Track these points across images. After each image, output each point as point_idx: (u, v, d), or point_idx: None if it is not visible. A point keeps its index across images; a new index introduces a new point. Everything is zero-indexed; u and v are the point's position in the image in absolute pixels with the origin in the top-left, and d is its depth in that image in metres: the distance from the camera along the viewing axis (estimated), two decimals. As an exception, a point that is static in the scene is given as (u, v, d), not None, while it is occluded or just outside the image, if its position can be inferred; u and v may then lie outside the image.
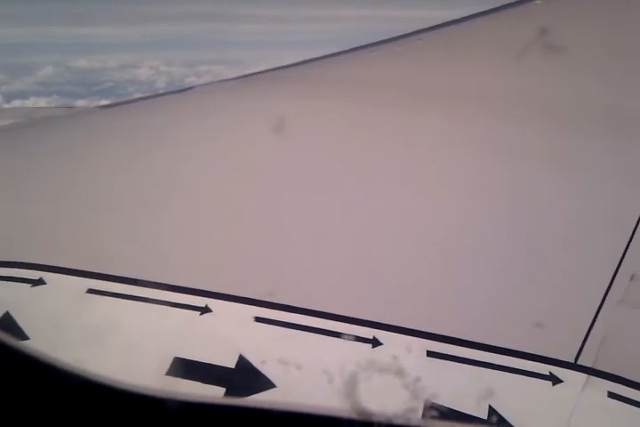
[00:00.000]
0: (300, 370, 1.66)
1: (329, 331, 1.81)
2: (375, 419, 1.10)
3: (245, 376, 1.67)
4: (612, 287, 2.06)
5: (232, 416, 1.09)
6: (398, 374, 1.63)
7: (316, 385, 1.62)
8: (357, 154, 2.61)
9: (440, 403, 1.60)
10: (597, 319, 1.95)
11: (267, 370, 1.66)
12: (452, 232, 2.25)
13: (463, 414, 1.64)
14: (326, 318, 1.83)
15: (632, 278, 2.10)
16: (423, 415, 1.54)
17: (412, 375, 1.64)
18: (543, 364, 1.80)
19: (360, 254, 2.13)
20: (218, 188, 2.40)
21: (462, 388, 1.71)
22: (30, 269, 1.91)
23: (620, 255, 2.17)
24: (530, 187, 2.48)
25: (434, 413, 1.56)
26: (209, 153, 2.62)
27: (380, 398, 1.51)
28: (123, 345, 1.74)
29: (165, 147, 2.67)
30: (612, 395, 1.76)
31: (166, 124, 2.91)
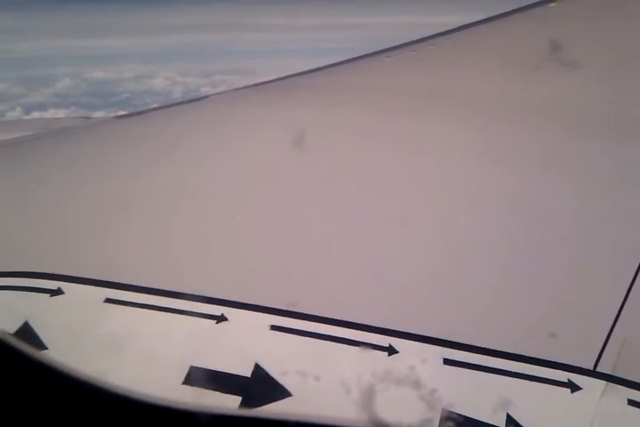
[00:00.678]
0: (319, 381, 1.66)
1: (344, 339, 1.81)
2: None
3: (261, 385, 1.67)
4: (631, 292, 2.04)
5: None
6: (415, 386, 1.63)
7: (334, 396, 1.62)
8: (372, 161, 2.61)
9: (457, 412, 1.59)
10: (616, 326, 1.93)
11: (284, 380, 1.67)
12: (465, 239, 2.24)
13: (480, 423, 1.62)
14: (342, 326, 1.83)
15: None
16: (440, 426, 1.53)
17: (429, 387, 1.64)
18: (561, 371, 1.78)
19: (375, 262, 2.13)
20: (233, 196, 2.41)
21: (479, 396, 1.70)
22: (49, 279, 1.93)
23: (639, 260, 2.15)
24: (542, 193, 2.47)
25: (451, 424, 1.55)
26: (225, 161, 2.64)
27: (397, 409, 1.51)
28: (140, 354, 1.75)
29: (181, 155, 2.69)
30: (632, 402, 1.73)
31: (182, 133, 2.93)
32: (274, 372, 1.70)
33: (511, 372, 1.77)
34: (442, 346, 1.80)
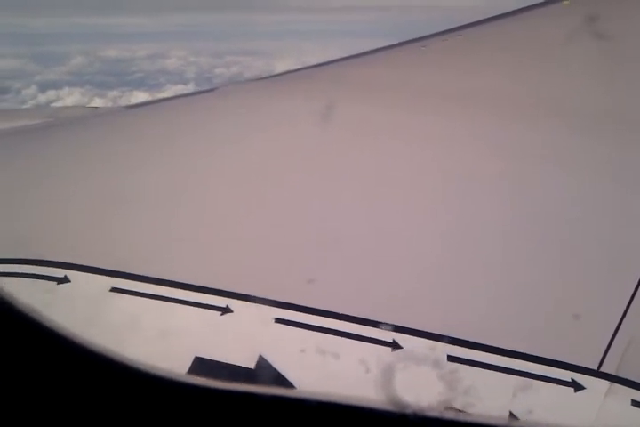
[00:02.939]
0: (338, 359, 1.67)
1: (349, 333, 1.81)
2: (410, 411, 1.10)
3: (265, 377, 1.67)
4: (637, 293, 2.03)
5: (269, 406, 1.10)
6: (435, 365, 1.63)
7: (353, 375, 1.63)
8: (377, 156, 2.60)
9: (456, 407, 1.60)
10: (621, 326, 1.93)
11: (301, 360, 1.68)
12: (468, 235, 2.24)
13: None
14: (346, 321, 1.83)
15: None
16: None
17: (449, 367, 1.64)
18: (565, 370, 1.78)
19: (381, 257, 2.13)
20: (242, 188, 2.41)
21: (483, 394, 1.70)
22: (55, 266, 1.94)
23: None
24: (551, 191, 2.46)
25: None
26: (233, 153, 2.64)
27: (416, 389, 1.51)
28: (144, 344, 1.75)
29: (190, 146, 2.69)
30: (635, 403, 1.73)
31: (191, 125, 2.93)
32: (278, 364, 1.70)
33: (514, 370, 1.77)
34: (446, 343, 1.80)
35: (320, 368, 1.69)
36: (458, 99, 3.01)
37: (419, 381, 1.64)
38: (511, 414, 1.66)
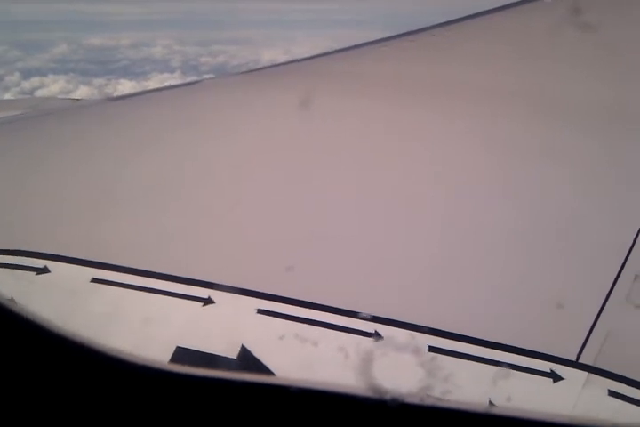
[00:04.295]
0: (317, 346, 1.68)
1: (330, 324, 1.81)
2: (389, 397, 1.10)
3: (247, 367, 1.68)
4: (616, 287, 2.06)
5: (247, 392, 1.11)
6: (415, 352, 1.64)
7: (332, 361, 1.63)
8: (368, 150, 2.61)
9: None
10: (600, 318, 1.95)
11: (281, 345, 1.68)
12: (457, 229, 2.25)
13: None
14: (328, 312, 1.84)
15: (636, 278, 2.10)
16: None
17: (429, 355, 1.65)
18: (544, 361, 1.80)
19: (366, 250, 2.13)
20: (223, 180, 2.41)
21: (462, 381, 1.71)
22: (35, 257, 1.92)
23: (625, 254, 2.17)
24: (535, 185, 2.48)
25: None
26: (215, 146, 2.63)
27: (396, 375, 1.51)
28: (126, 334, 1.75)
29: (172, 139, 2.68)
30: (612, 393, 1.76)
31: (174, 118, 2.92)
32: (259, 353, 1.70)
33: (494, 360, 1.79)
34: (427, 334, 1.81)
35: (300, 356, 1.70)
36: (446, 93, 3.02)
37: (398, 367, 1.65)
38: (490, 403, 1.67)
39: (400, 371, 1.63)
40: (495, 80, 3.07)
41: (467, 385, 1.71)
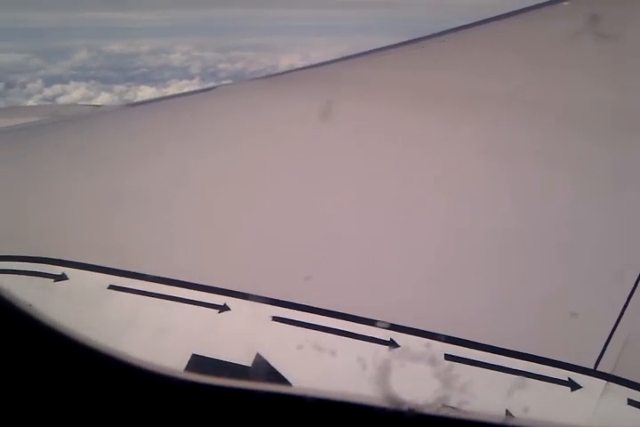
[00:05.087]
0: (335, 356, 1.68)
1: (346, 332, 1.81)
2: (406, 408, 1.10)
3: (262, 374, 1.68)
4: (635, 293, 2.03)
5: (265, 402, 1.11)
6: (430, 363, 1.63)
7: (350, 372, 1.63)
8: (383, 156, 2.60)
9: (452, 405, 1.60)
10: (618, 326, 1.93)
11: (298, 355, 1.68)
12: (465, 234, 2.24)
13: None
14: (343, 319, 1.84)
15: None
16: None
17: (445, 364, 1.64)
18: (562, 369, 1.78)
19: (379, 257, 2.13)
20: (241, 187, 2.42)
21: (479, 391, 1.70)
22: (53, 264, 1.94)
23: None
24: (550, 191, 2.46)
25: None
26: (233, 151, 2.64)
27: (412, 386, 1.51)
28: (142, 341, 1.76)
29: (190, 145, 2.69)
30: (631, 402, 1.73)
31: (192, 123, 2.94)
32: (275, 361, 1.70)
33: (511, 369, 1.77)
34: (443, 342, 1.80)
35: (317, 365, 1.70)
36: (458, 100, 3.01)
37: (415, 378, 1.64)
38: (507, 412, 1.66)
39: (416, 382, 1.62)
40: (504, 87, 3.06)
41: (483, 395, 1.69)
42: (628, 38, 3.30)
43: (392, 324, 1.82)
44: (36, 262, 1.95)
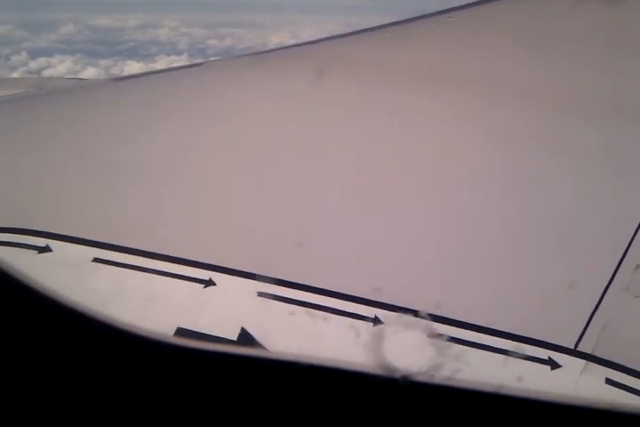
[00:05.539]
0: (327, 321, 1.69)
1: (331, 308, 1.82)
2: (399, 375, 1.11)
3: (247, 348, 1.68)
4: (616, 276, 2.06)
5: (256, 367, 1.12)
6: (425, 331, 1.65)
7: (343, 338, 1.64)
8: (370, 137, 2.60)
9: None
10: (600, 307, 1.95)
11: (291, 319, 1.69)
12: (455, 216, 2.25)
13: None
14: (329, 296, 1.84)
15: (636, 268, 2.10)
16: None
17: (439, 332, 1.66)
18: (542, 348, 1.81)
19: (367, 235, 2.14)
20: (228, 162, 2.40)
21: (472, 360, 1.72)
22: (37, 236, 1.93)
23: (626, 244, 2.17)
24: (536, 174, 2.47)
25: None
26: (221, 127, 2.62)
27: (406, 353, 1.52)
28: (127, 313, 1.76)
29: (177, 120, 2.67)
30: (609, 381, 1.77)
31: (178, 98, 2.91)
32: (260, 336, 1.71)
33: (492, 347, 1.80)
34: (428, 320, 1.81)
35: (305, 337, 1.71)
36: (453, 80, 3.00)
37: (408, 345, 1.66)
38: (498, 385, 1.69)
39: (410, 349, 1.64)
40: (501, 69, 3.05)
41: (475, 366, 1.72)
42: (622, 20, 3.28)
43: (379, 302, 1.83)
44: (19, 234, 1.93)
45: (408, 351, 1.60)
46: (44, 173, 2.32)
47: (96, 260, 1.88)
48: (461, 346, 1.77)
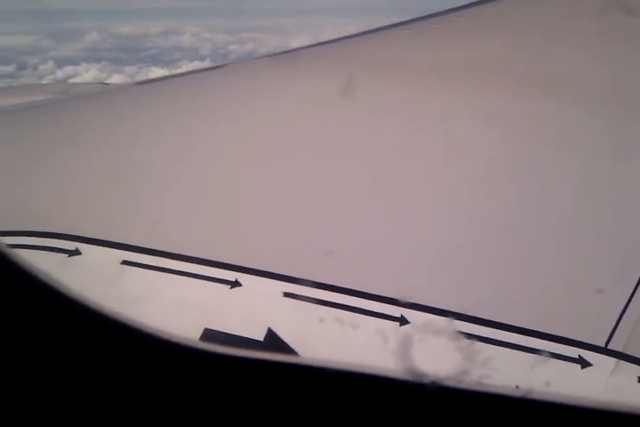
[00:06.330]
0: (356, 329, 1.69)
1: (356, 308, 1.82)
2: (427, 380, 1.10)
3: (273, 349, 1.69)
4: None
5: (284, 373, 1.12)
6: (452, 337, 1.64)
7: (371, 345, 1.64)
8: (396, 133, 2.59)
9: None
10: (630, 305, 1.93)
11: (320, 327, 1.69)
12: (479, 214, 2.23)
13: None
14: (354, 296, 1.84)
15: None
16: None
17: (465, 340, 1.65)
18: (573, 347, 1.79)
19: (387, 235, 2.13)
20: (254, 163, 2.41)
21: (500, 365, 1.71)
22: (67, 239, 1.96)
23: None
24: (555, 168, 2.44)
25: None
26: (244, 128, 2.63)
27: (434, 359, 1.52)
28: (154, 315, 1.77)
29: (200, 122, 2.69)
30: None
31: (200, 101, 2.93)
32: (286, 336, 1.71)
33: (523, 347, 1.78)
34: (457, 319, 1.80)
35: (331, 339, 1.71)
36: (473, 77, 2.97)
37: (436, 351, 1.65)
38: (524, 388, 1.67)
39: (438, 355, 1.63)
40: (519, 65, 3.02)
41: (503, 370, 1.70)
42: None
43: (407, 302, 1.82)
44: (49, 238, 1.96)
45: (436, 357, 1.59)
46: (72, 177, 2.35)
47: (125, 262, 1.91)
48: (492, 346, 1.76)
